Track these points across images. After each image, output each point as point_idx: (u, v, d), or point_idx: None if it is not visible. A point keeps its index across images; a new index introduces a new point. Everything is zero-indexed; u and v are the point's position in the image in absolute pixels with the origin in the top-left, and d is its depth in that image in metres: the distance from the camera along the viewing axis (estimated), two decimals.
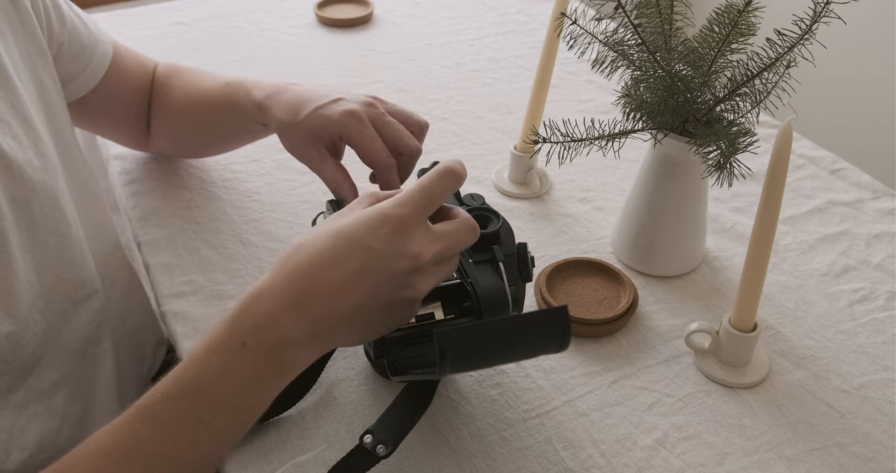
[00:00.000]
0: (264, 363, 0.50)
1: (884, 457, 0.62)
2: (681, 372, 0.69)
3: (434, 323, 0.58)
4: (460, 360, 0.51)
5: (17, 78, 0.65)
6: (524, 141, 0.88)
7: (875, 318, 0.74)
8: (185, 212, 0.86)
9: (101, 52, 0.79)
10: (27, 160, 0.63)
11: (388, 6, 1.32)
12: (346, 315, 0.50)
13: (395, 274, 0.50)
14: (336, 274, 0.50)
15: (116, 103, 0.84)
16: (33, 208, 0.64)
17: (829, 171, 0.94)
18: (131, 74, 0.84)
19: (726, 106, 0.68)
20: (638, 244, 0.78)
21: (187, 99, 0.84)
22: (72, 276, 0.67)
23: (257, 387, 0.51)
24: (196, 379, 0.50)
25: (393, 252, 0.50)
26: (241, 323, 0.50)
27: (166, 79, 0.86)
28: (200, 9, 1.31)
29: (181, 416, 0.49)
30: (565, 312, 0.51)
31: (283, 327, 0.50)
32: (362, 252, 0.50)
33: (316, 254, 0.51)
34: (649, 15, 0.67)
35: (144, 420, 0.49)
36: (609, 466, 0.61)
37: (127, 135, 0.90)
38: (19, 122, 0.64)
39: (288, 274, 0.51)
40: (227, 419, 0.51)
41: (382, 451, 0.56)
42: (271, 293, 0.50)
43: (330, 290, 0.50)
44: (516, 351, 0.53)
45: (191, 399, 0.49)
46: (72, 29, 0.75)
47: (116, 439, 0.49)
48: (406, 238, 0.50)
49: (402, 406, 0.59)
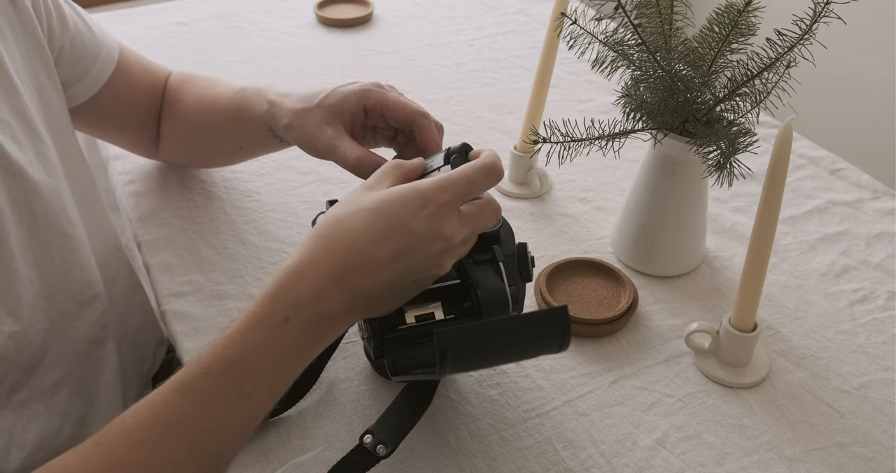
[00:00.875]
0: (305, 336, 0.52)
1: (884, 457, 0.62)
2: (681, 372, 0.69)
3: (434, 323, 0.58)
4: (460, 360, 0.51)
5: (18, 78, 0.65)
6: (524, 141, 0.88)
7: (875, 318, 0.74)
8: (185, 212, 0.86)
9: (105, 56, 0.78)
10: (28, 161, 0.63)
11: (388, 6, 1.32)
12: (382, 291, 0.53)
13: (429, 255, 0.53)
14: (378, 252, 0.52)
15: (121, 108, 0.83)
16: (35, 209, 0.64)
17: (829, 171, 0.94)
18: (138, 80, 0.83)
19: (726, 106, 0.68)
20: (638, 244, 0.78)
21: (199, 105, 0.83)
22: (78, 277, 0.68)
23: (297, 358, 0.52)
24: (238, 355, 0.51)
25: (431, 234, 0.53)
26: (283, 298, 0.52)
27: (179, 87, 0.85)
28: (200, 9, 1.31)
29: (224, 390, 0.50)
30: (565, 312, 0.51)
31: (324, 302, 0.52)
32: (403, 233, 0.52)
33: (360, 232, 0.53)
34: (649, 15, 0.67)
35: (186, 394, 0.50)
36: (609, 466, 0.61)
37: (135, 142, 0.89)
38: (20, 123, 0.64)
39: (329, 249, 0.53)
40: (267, 391, 0.52)
41: (382, 451, 0.56)
42: (315, 267, 0.52)
43: (372, 267, 0.52)
44: (516, 351, 0.53)
45: (234, 373, 0.50)
46: (74, 32, 0.75)
47: (158, 413, 0.49)
48: (443, 220, 0.53)
49: (402, 406, 0.59)
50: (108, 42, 0.79)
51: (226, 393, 0.50)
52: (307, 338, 0.52)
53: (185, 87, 0.85)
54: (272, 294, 0.52)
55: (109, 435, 0.49)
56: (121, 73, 0.81)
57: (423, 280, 0.55)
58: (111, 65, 0.79)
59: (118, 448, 0.48)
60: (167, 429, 0.49)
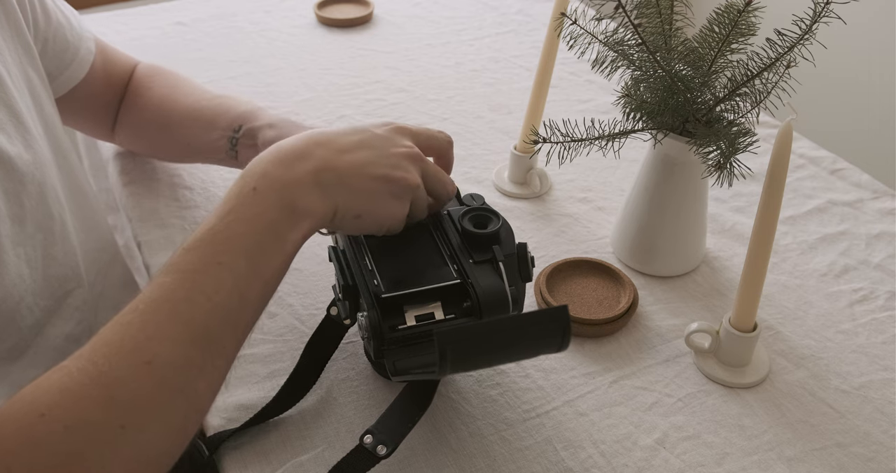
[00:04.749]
0: (276, 206, 0.53)
1: (884, 457, 0.62)
2: (681, 372, 0.69)
3: (434, 322, 0.58)
4: (460, 360, 0.51)
5: (6, 72, 0.65)
6: (524, 141, 0.88)
7: (875, 318, 0.74)
8: (185, 212, 0.86)
9: (85, 49, 0.79)
10: (17, 153, 0.63)
11: (388, 6, 1.32)
12: (347, 170, 0.56)
13: (390, 154, 0.58)
14: (342, 138, 0.58)
15: (92, 99, 0.84)
16: (23, 201, 0.64)
17: (829, 171, 0.94)
18: (109, 71, 0.84)
19: (726, 106, 0.68)
20: (638, 244, 0.78)
21: (166, 97, 0.84)
22: (55, 273, 0.67)
23: (271, 233, 0.53)
24: (212, 229, 0.52)
25: (391, 138, 0.60)
26: (251, 171, 0.55)
27: (147, 77, 0.87)
28: (200, 9, 1.31)
29: (203, 262, 0.51)
30: (566, 312, 0.51)
31: (290, 171, 0.54)
32: (366, 132, 0.59)
33: (324, 130, 0.59)
34: (649, 15, 0.67)
35: (169, 272, 0.50)
36: (609, 466, 0.61)
37: (94, 128, 0.91)
38: (8, 116, 0.64)
39: (299, 135, 0.57)
40: (246, 263, 0.51)
41: (382, 451, 0.56)
42: (282, 145, 0.56)
43: (335, 148, 0.57)
44: (516, 350, 0.53)
45: (210, 244, 0.51)
46: (56, 25, 0.75)
47: (144, 294, 0.50)
48: (402, 135, 0.61)
49: (402, 406, 0.59)
50: (86, 34, 0.80)
51: (205, 265, 0.50)
52: (279, 209, 0.53)
53: (154, 79, 0.86)
54: (242, 173, 0.55)
55: (108, 326, 0.49)
56: (98, 65, 0.82)
57: (393, 182, 0.57)
58: (90, 57, 0.80)
59: (105, 332, 0.48)
60: (151, 305, 0.49)
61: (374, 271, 0.59)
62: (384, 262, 0.60)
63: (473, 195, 0.65)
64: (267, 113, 0.77)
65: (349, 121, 1.02)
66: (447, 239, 0.61)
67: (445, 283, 0.58)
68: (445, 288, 0.59)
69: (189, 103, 0.82)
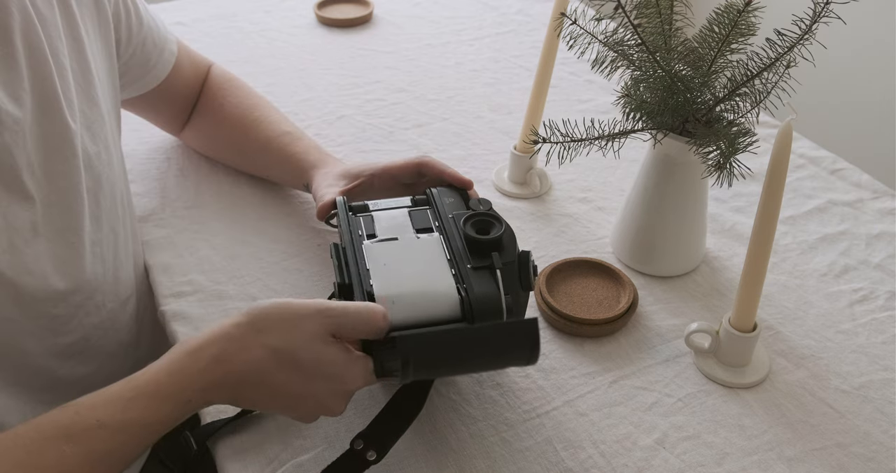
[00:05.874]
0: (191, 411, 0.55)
1: (884, 457, 0.62)
2: (681, 372, 0.69)
3: (420, 328, 0.57)
4: (423, 367, 0.51)
5: (97, 73, 0.67)
6: (524, 141, 0.88)
7: (875, 318, 0.74)
8: (185, 211, 0.86)
9: (168, 51, 0.81)
10: (96, 152, 0.65)
11: (388, 6, 1.32)
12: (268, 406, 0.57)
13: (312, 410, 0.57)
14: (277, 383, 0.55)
15: (172, 98, 0.87)
16: (100, 200, 0.65)
17: (829, 171, 0.94)
18: (186, 73, 0.86)
19: (726, 106, 0.68)
20: (638, 244, 0.78)
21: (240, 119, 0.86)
22: (122, 276, 0.68)
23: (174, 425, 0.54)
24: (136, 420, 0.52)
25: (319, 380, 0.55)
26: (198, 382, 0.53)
27: (220, 88, 0.89)
28: (200, 9, 1.31)
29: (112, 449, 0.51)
30: (535, 325, 0.50)
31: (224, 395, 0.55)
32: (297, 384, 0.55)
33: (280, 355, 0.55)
34: (649, 15, 0.67)
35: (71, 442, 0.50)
36: (609, 466, 0.61)
37: (164, 123, 0.93)
38: (95, 115, 0.66)
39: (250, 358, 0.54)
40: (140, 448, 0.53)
41: (373, 456, 0.56)
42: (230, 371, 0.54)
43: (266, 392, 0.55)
44: (483, 361, 0.52)
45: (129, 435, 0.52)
46: (147, 29, 0.77)
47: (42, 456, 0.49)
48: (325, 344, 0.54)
49: (394, 410, 0.59)
50: (169, 36, 0.82)
51: (112, 451, 0.51)
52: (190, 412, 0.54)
53: (228, 90, 0.89)
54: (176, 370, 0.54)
55: None
56: (176, 69, 0.84)
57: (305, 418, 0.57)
58: (172, 58, 0.82)
59: None
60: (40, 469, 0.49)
61: (371, 271, 0.59)
62: (384, 263, 0.59)
63: (481, 200, 0.65)
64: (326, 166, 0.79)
65: (349, 121, 1.02)
66: (452, 244, 0.61)
67: (438, 288, 0.58)
68: None
69: (262, 140, 0.85)
